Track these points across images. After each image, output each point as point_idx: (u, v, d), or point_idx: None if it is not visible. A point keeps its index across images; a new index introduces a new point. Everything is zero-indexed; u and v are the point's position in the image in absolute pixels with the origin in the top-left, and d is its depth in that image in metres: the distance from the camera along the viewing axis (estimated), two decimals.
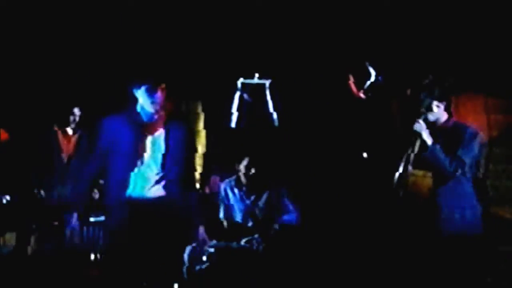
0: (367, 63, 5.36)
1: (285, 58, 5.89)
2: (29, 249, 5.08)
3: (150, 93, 4.03)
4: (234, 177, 5.30)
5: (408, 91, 5.21)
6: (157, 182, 4.07)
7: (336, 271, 5.18)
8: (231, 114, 5.77)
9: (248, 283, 4.81)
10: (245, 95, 5.78)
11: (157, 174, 4.07)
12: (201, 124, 7.17)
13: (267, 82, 5.80)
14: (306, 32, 5.71)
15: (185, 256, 4.88)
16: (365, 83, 5.39)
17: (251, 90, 5.84)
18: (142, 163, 4.05)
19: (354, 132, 5.77)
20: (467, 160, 4.11)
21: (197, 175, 7.09)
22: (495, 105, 5.38)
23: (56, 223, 5.09)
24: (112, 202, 4.05)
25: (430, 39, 5.32)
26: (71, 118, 5.46)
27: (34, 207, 5.19)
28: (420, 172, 4.15)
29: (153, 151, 4.07)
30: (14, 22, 5.67)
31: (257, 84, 5.82)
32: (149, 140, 4.08)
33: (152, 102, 4.04)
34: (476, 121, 4.76)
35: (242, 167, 5.17)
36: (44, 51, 5.94)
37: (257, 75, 5.80)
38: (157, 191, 4.07)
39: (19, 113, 5.87)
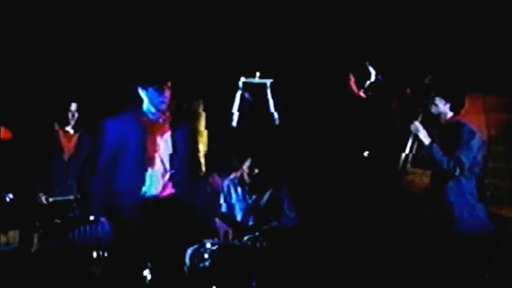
0: (367, 63, 5.38)
1: (286, 58, 5.91)
2: (33, 247, 5.10)
3: (159, 92, 4.08)
4: (237, 175, 5.32)
5: (408, 90, 5.24)
6: (168, 181, 4.16)
7: (338, 270, 5.20)
8: (232, 113, 5.79)
9: (250, 281, 4.83)
10: (246, 94, 5.80)
11: (168, 173, 4.15)
12: (202, 124, 7.20)
13: (268, 81, 5.81)
14: (306, 31, 5.73)
15: (187, 257, 4.90)
16: (365, 82, 5.41)
17: (252, 89, 5.86)
18: (154, 163, 4.10)
19: (355, 131, 5.79)
20: (465, 159, 4.13)
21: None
22: (494, 103, 5.39)
23: (58, 221, 5.12)
24: (125, 201, 4.07)
25: (430, 39, 5.34)
26: (69, 115, 5.46)
27: (37, 206, 5.21)
28: (419, 170, 4.19)
29: (164, 152, 4.15)
30: (14, 22, 5.70)
31: (258, 83, 5.84)
32: (159, 140, 4.14)
33: (161, 102, 4.10)
34: (475, 120, 4.77)
35: (245, 167, 5.18)
36: (45, 49, 5.95)
37: (258, 74, 5.81)
38: (168, 189, 4.17)
39: (21, 111, 5.88)
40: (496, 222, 4.56)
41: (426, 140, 4.19)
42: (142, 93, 4.14)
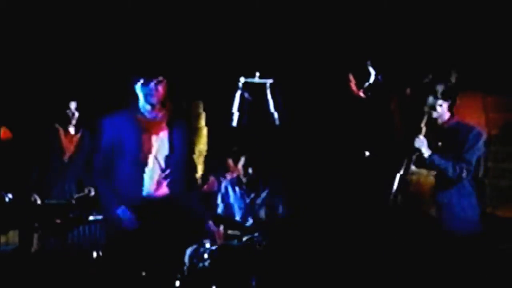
0: (367, 63, 5.38)
1: (286, 58, 5.91)
2: (32, 247, 5.10)
3: (144, 85, 4.04)
4: (235, 175, 5.34)
5: (408, 91, 5.24)
6: (162, 181, 4.12)
7: (338, 269, 5.20)
8: (232, 113, 5.79)
9: (249, 281, 4.83)
10: (246, 94, 5.80)
11: (162, 173, 4.11)
12: (202, 123, 7.20)
13: (268, 82, 5.81)
14: (306, 31, 5.73)
15: (186, 257, 4.90)
16: (365, 82, 5.41)
17: (252, 89, 5.86)
18: (148, 162, 4.08)
19: (354, 131, 5.79)
20: (474, 162, 4.14)
21: (198, 174, 7.13)
22: (494, 103, 5.39)
23: (58, 221, 5.12)
24: (123, 202, 4.04)
25: (430, 39, 5.34)
26: (69, 113, 5.45)
27: (37, 206, 5.22)
28: (424, 171, 4.17)
29: (159, 151, 4.10)
30: (14, 21, 5.70)
31: (258, 83, 5.84)
32: (154, 139, 4.10)
33: (149, 95, 4.04)
34: (475, 120, 4.77)
35: (239, 166, 5.21)
36: (46, 48, 5.96)
37: (258, 74, 5.81)
38: (163, 189, 4.12)
39: (21, 111, 5.89)
40: (496, 222, 4.56)
41: (427, 153, 4.15)
42: (136, 88, 4.12)
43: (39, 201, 5.21)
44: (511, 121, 5.34)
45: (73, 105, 5.47)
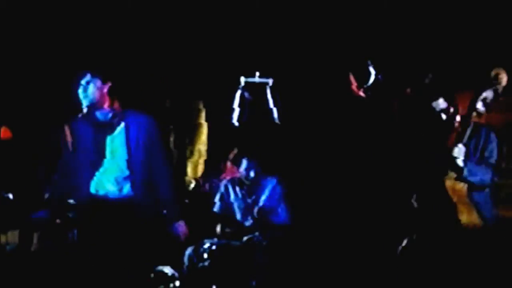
0: (367, 62, 5.38)
1: (286, 57, 5.92)
2: (32, 247, 5.11)
3: (77, 85, 3.93)
4: (236, 175, 5.33)
5: (408, 90, 5.24)
6: (122, 182, 3.96)
7: (338, 269, 5.21)
8: (232, 112, 5.79)
9: (250, 281, 4.83)
10: (246, 94, 5.81)
11: (121, 174, 3.95)
12: (202, 121, 7.22)
13: (269, 81, 5.82)
14: (307, 31, 5.74)
15: (185, 257, 4.90)
16: (365, 82, 5.41)
17: (252, 88, 5.86)
18: (103, 164, 3.93)
19: (354, 131, 5.79)
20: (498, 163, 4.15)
21: (198, 173, 7.15)
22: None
23: (58, 221, 5.12)
24: (77, 203, 3.96)
25: (430, 39, 5.34)
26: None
27: (37, 205, 5.22)
28: (454, 175, 4.13)
29: (113, 151, 3.95)
30: (17, 19, 5.71)
31: (259, 82, 5.85)
32: (108, 140, 3.94)
33: (81, 95, 3.92)
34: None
35: (242, 169, 5.18)
36: (51, 48, 5.97)
37: (258, 73, 5.82)
38: (125, 191, 3.96)
39: (22, 111, 5.89)
40: (496, 222, 4.55)
41: (462, 163, 4.07)
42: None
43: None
44: (511, 121, 5.34)
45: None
